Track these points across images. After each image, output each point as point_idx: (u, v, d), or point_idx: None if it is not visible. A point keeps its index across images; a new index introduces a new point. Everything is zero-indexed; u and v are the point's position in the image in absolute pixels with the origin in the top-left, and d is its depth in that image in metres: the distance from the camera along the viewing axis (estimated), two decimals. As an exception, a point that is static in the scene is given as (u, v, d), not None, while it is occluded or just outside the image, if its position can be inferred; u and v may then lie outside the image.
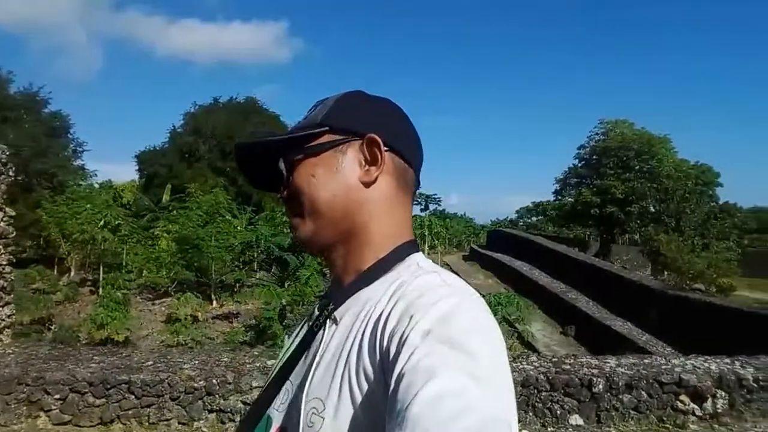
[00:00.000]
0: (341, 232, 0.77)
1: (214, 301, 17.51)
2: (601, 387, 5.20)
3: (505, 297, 15.85)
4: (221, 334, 14.71)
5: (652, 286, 16.15)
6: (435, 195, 52.88)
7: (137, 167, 36.40)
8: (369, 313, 0.70)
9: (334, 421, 0.64)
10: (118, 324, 13.67)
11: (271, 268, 16.75)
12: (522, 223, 55.08)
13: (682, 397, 5.31)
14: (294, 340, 0.82)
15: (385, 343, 0.63)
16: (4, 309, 6.41)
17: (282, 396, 0.76)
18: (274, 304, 12.72)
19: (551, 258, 22.73)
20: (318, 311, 0.79)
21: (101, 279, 18.45)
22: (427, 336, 0.59)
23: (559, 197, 33.89)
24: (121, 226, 20.44)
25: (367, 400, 0.63)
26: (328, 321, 0.75)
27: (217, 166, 31.17)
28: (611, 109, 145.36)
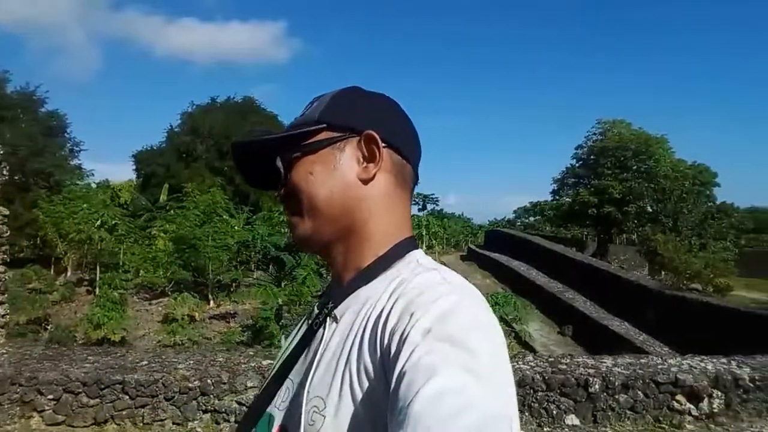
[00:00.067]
0: (340, 229, 0.77)
1: (211, 301, 17.48)
2: (597, 387, 5.19)
3: (503, 297, 15.87)
4: (218, 334, 14.68)
5: (649, 286, 16.17)
6: (433, 195, 52.92)
7: (134, 167, 36.45)
8: (369, 311, 0.69)
9: (335, 420, 0.64)
10: (114, 324, 13.64)
11: (268, 268, 16.72)
12: (520, 223, 55.15)
13: (679, 397, 5.30)
14: (294, 339, 0.82)
15: (386, 341, 0.63)
16: (-1, 309, 6.38)
17: (282, 394, 0.76)
18: (271, 304, 12.69)
19: (549, 258, 22.75)
20: (318, 309, 0.79)
21: (98, 279, 18.40)
22: (428, 334, 0.59)
23: (557, 197, 33.89)
24: (117, 226, 20.39)
25: (367, 398, 0.63)
26: (328, 319, 0.74)
27: (214, 166, 31.16)
28: (609, 109, 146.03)
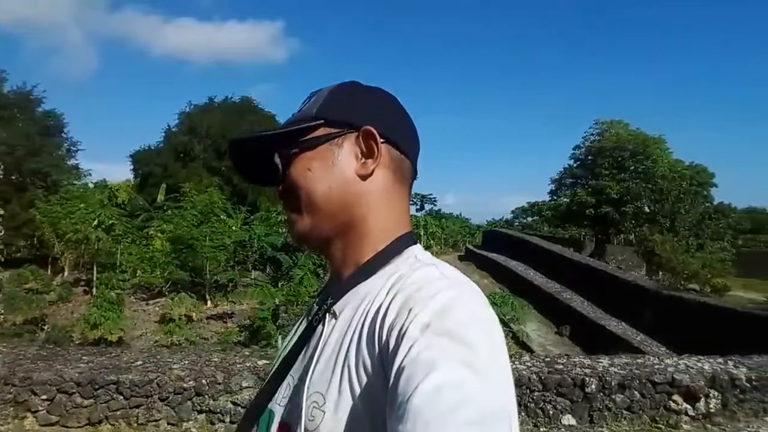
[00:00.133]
0: (339, 225, 0.77)
1: (209, 301, 17.45)
2: (593, 387, 5.18)
3: (500, 297, 15.88)
4: (215, 335, 14.66)
5: (646, 286, 16.18)
6: (431, 195, 53.01)
7: (132, 167, 36.38)
8: (368, 306, 0.70)
9: (335, 415, 0.64)
10: (111, 324, 13.61)
11: (265, 268, 16.71)
12: (517, 224, 55.22)
13: (675, 397, 5.29)
14: (294, 335, 0.83)
15: (384, 336, 0.63)
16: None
17: (283, 390, 0.76)
18: (269, 304, 12.67)
19: (546, 258, 22.76)
20: (317, 306, 0.79)
21: (95, 279, 18.37)
22: (426, 329, 0.59)
23: (555, 197, 33.92)
24: (115, 226, 20.34)
25: (366, 393, 0.63)
26: (328, 315, 0.75)
27: (212, 166, 31.13)
28: (607, 109, 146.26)
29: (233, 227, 20.26)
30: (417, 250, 0.77)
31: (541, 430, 5.06)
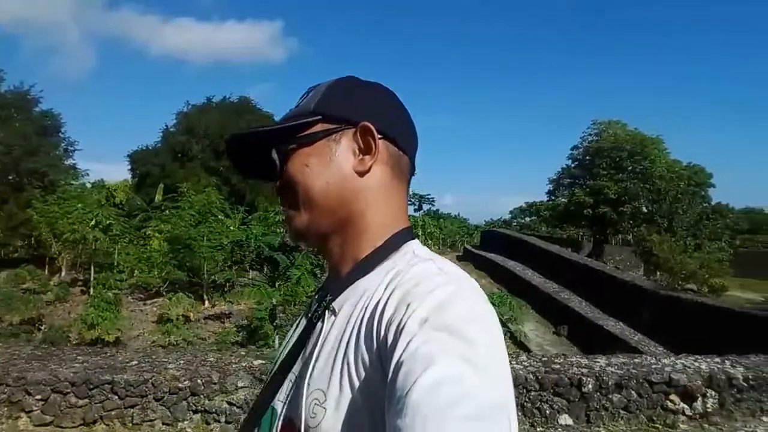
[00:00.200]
0: (336, 221, 0.77)
1: (206, 302, 17.40)
2: (590, 386, 5.17)
3: (498, 297, 15.85)
4: (213, 335, 14.62)
5: (644, 286, 16.18)
6: (429, 195, 52.89)
7: (130, 167, 36.27)
8: (366, 302, 0.70)
9: (336, 411, 0.65)
10: (108, 324, 13.57)
11: (263, 268, 16.69)
12: (515, 224, 55.15)
13: (672, 396, 5.28)
14: (294, 333, 0.83)
15: (383, 331, 0.63)
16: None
17: (285, 388, 0.77)
18: (266, 304, 12.64)
19: (544, 258, 22.76)
20: (316, 303, 0.79)
21: (92, 279, 18.32)
22: (425, 324, 0.59)
23: (553, 198, 33.96)
24: (112, 226, 20.29)
25: (366, 388, 0.63)
26: (327, 312, 0.75)
27: (210, 166, 31.10)
28: (607, 109, 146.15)
29: (231, 227, 20.22)
30: (415, 246, 0.77)
31: (538, 429, 5.05)
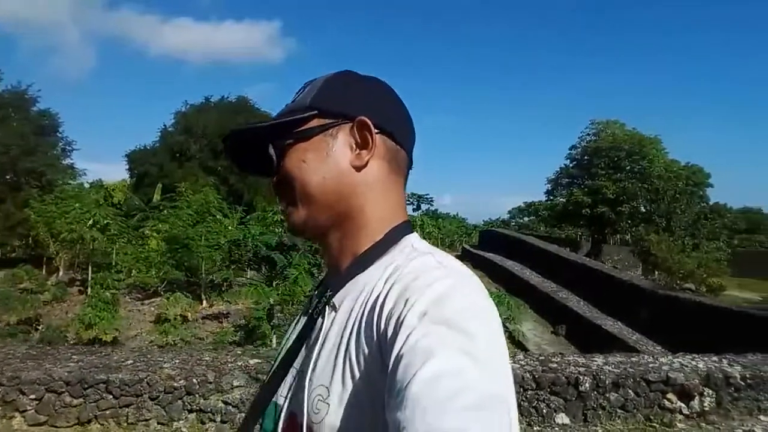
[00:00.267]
0: (334, 216, 0.77)
1: (204, 301, 17.38)
2: (587, 385, 5.15)
3: (496, 296, 15.82)
4: (211, 334, 14.60)
5: (642, 286, 16.19)
6: (427, 195, 52.93)
7: (128, 166, 36.19)
8: (367, 297, 0.70)
9: (339, 407, 0.65)
10: (106, 324, 13.55)
11: (261, 268, 16.67)
12: (514, 224, 55.20)
13: (670, 395, 5.26)
14: (294, 329, 0.83)
15: (383, 325, 0.64)
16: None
17: (287, 384, 0.77)
18: (264, 303, 12.61)
19: (543, 258, 22.77)
20: (317, 298, 0.80)
21: (90, 279, 18.27)
22: (424, 317, 0.59)
23: (551, 197, 33.98)
24: (110, 226, 20.25)
25: (368, 383, 0.64)
26: (327, 308, 0.75)
27: (208, 166, 31.04)
28: (606, 109, 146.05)
29: (229, 227, 20.19)
30: (414, 239, 0.77)
31: (535, 429, 5.03)
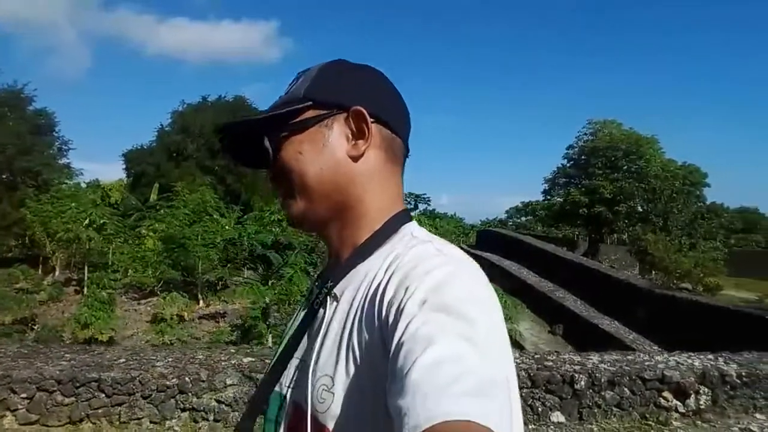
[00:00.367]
0: (333, 206, 0.77)
1: (201, 301, 17.33)
2: (583, 384, 5.13)
3: (493, 296, 15.82)
4: (207, 334, 14.57)
5: (639, 285, 16.21)
6: (424, 195, 52.84)
7: (124, 166, 36.07)
8: (368, 286, 0.70)
9: (344, 396, 0.66)
10: (102, 324, 13.51)
11: (257, 267, 16.64)
12: (511, 223, 55.18)
13: (665, 393, 5.25)
14: (295, 321, 0.83)
15: (383, 314, 0.64)
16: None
17: (289, 374, 0.77)
18: (261, 303, 12.58)
19: (540, 257, 22.77)
20: (317, 289, 0.79)
21: (86, 278, 18.20)
22: (424, 305, 0.60)
23: (548, 197, 33.99)
24: (106, 225, 20.17)
25: (372, 371, 0.64)
26: (329, 298, 0.75)
27: (205, 165, 30.93)
28: (606, 109, 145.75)
29: (226, 226, 20.13)
30: (413, 228, 0.77)
31: (530, 427, 5.01)
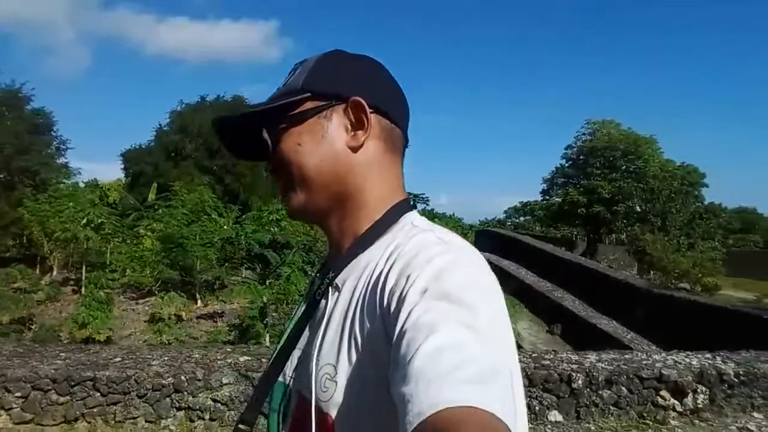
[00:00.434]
0: (333, 197, 0.77)
1: (199, 301, 17.30)
2: (580, 382, 5.12)
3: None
4: (205, 334, 14.54)
5: (637, 285, 16.20)
6: (423, 195, 52.75)
7: (123, 166, 36.04)
8: (369, 276, 0.70)
9: (347, 385, 0.66)
10: (99, 324, 13.48)
11: (255, 267, 16.63)
12: (510, 223, 55.18)
13: (663, 392, 5.24)
14: (298, 313, 0.83)
15: (385, 302, 0.64)
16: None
17: (293, 364, 0.78)
18: (259, 302, 12.55)
19: (538, 257, 22.77)
20: (319, 280, 0.80)
21: (84, 278, 18.16)
22: (425, 293, 0.60)
23: (547, 197, 33.94)
24: (104, 225, 20.13)
25: (374, 360, 0.64)
26: (330, 289, 0.75)
27: (203, 165, 30.91)
28: (606, 109, 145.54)
29: (224, 226, 20.09)
30: (413, 217, 0.77)
31: (528, 426, 4.99)
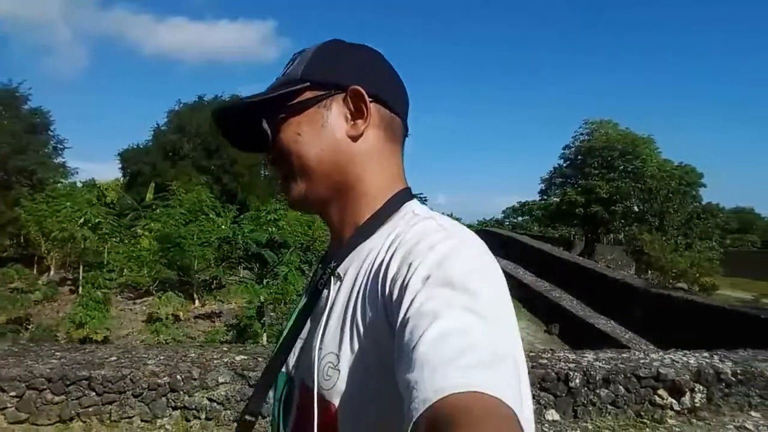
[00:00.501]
0: (333, 186, 0.77)
1: (197, 300, 17.27)
2: (578, 381, 5.11)
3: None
4: (203, 334, 14.51)
5: (635, 285, 16.21)
6: (421, 194, 52.79)
7: (120, 165, 35.96)
8: (371, 264, 0.70)
9: (349, 373, 0.66)
10: (97, 323, 13.44)
11: (253, 266, 16.61)
12: (508, 223, 55.29)
13: (660, 391, 5.23)
14: (300, 304, 0.83)
15: (387, 290, 0.64)
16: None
17: (296, 353, 0.78)
18: (256, 302, 12.52)
19: (536, 257, 22.78)
20: (321, 271, 0.80)
21: (81, 278, 18.12)
22: (428, 280, 0.60)
23: (545, 197, 33.99)
24: (101, 224, 20.08)
25: (376, 348, 0.64)
26: (332, 278, 0.75)
27: (201, 165, 30.89)
28: (606, 109, 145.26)
29: (222, 226, 20.05)
30: (414, 205, 0.77)
31: (525, 425, 4.98)
